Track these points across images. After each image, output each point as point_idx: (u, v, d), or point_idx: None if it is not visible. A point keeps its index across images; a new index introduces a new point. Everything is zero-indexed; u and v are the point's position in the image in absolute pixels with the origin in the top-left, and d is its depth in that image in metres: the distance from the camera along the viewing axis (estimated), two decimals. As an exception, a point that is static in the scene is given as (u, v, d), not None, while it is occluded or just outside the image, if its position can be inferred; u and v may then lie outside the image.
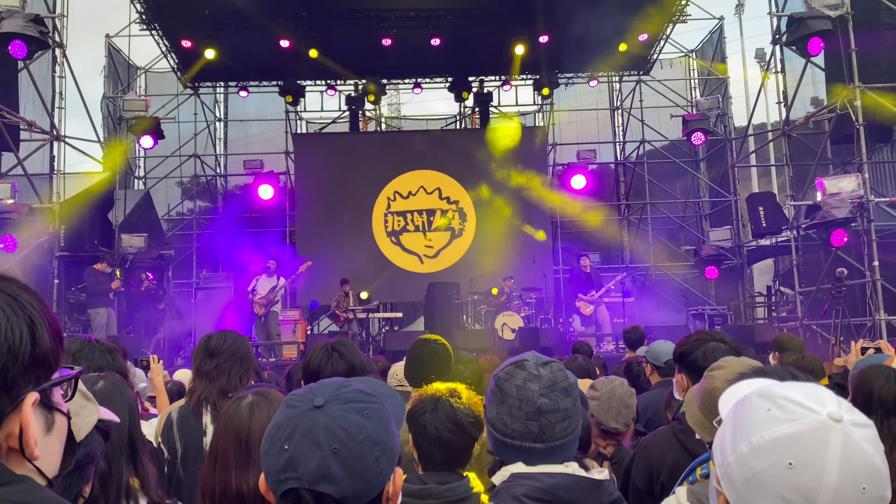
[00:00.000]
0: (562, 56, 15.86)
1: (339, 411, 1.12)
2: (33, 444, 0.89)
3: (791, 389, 1.03)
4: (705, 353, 2.58)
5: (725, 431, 1.06)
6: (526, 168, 16.60)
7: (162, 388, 4.22)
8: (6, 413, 0.86)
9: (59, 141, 12.41)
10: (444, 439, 2.09)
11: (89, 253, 12.01)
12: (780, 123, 13.59)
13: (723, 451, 1.04)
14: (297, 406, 1.15)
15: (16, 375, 0.86)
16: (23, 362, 0.87)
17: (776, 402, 1.00)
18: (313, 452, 1.08)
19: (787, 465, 0.95)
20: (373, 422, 1.13)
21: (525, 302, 13.63)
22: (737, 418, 1.04)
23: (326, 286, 14.72)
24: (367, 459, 1.10)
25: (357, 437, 1.10)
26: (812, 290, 11.97)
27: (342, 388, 1.17)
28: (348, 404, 1.14)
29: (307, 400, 1.15)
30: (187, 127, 17.57)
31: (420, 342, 3.42)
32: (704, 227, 17.26)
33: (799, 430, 0.96)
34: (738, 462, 1.00)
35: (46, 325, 0.90)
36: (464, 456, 2.14)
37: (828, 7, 11.12)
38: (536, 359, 1.83)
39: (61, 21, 12.25)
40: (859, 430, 0.96)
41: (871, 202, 11.00)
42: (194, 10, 14.03)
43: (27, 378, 0.88)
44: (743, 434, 1.01)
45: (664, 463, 2.43)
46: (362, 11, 14.14)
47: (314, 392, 1.17)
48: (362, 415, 1.13)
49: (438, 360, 3.32)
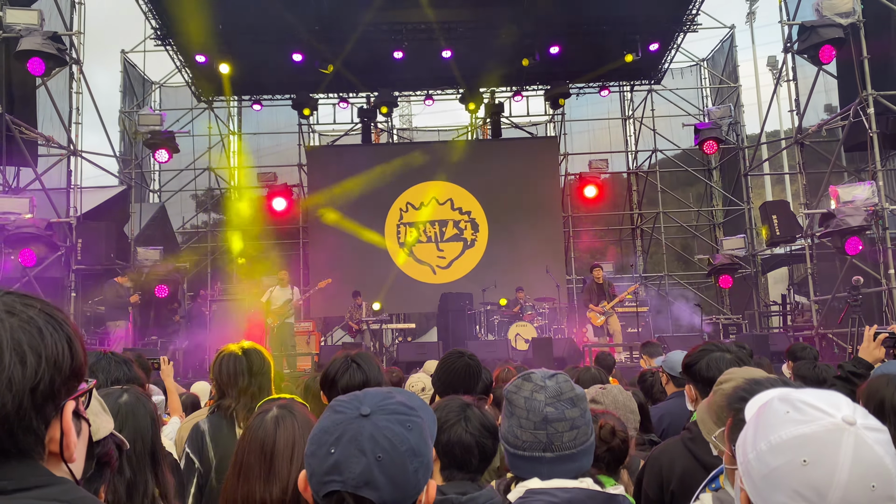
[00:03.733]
0: (573, 66, 15.92)
1: (384, 421, 1.18)
2: (73, 448, 0.98)
3: (810, 395, 1.09)
4: (709, 363, 2.61)
5: (748, 432, 1.13)
6: (538, 178, 16.65)
7: (173, 389, 4.25)
8: (51, 419, 0.96)
9: (76, 156, 12.59)
10: (481, 445, 2.13)
11: (105, 266, 12.13)
12: (793, 131, 13.53)
13: (744, 450, 1.11)
14: (344, 412, 1.20)
15: (59, 386, 0.96)
16: (64, 374, 0.96)
17: (795, 406, 1.07)
18: (358, 458, 1.14)
19: (802, 462, 1.01)
20: (414, 434, 1.18)
21: (538, 312, 13.62)
22: (759, 420, 1.12)
23: (339, 298, 14.79)
24: (407, 469, 1.15)
25: (399, 448, 1.15)
26: (827, 299, 11.88)
27: (386, 399, 1.23)
28: (392, 415, 1.19)
29: (353, 408, 1.20)
30: (201, 140, 17.76)
31: (455, 354, 3.49)
32: (718, 236, 17.19)
33: (814, 430, 1.03)
34: (758, 459, 1.07)
35: (79, 340, 1.00)
36: (484, 463, 2.18)
37: (839, 15, 11.08)
38: (543, 372, 1.90)
39: (78, 38, 12.45)
40: (871, 433, 1.02)
41: (885, 210, 10.92)
42: (208, 26, 14.21)
43: (67, 388, 0.97)
44: (763, 434, 1.08)
45: (674, 472, 2.45)
46: (374, 25, 14.26)
47: (360, 401, 1.22)
48: (405, 427, 1.18)
49: (470, 375, 3.39)
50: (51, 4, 12.14)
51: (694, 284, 17.15)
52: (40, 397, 0.93)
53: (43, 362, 0.93)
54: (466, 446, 2.12)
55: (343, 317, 15.85)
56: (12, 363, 0.91)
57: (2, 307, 0.95)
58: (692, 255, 17.77)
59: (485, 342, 12.28)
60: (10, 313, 0.94)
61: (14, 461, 0.91)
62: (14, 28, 10.91)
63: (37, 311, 0.97)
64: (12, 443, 0.91)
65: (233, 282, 16.90)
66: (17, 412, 0.90)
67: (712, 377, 2.54)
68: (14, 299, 0.97)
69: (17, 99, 11.70)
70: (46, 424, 0.95)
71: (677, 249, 18.24)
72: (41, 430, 0.94)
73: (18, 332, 0.93)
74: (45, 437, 0.95)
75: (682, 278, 17.41)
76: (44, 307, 0.99)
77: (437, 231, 16.71)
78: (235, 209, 16.63)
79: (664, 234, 17.58)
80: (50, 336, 0.95)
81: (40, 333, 0.95)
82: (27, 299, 0.98)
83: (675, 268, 17.97)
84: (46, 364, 0.94)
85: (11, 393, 0.90)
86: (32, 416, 0.93)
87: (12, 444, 0.91)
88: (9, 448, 0.91)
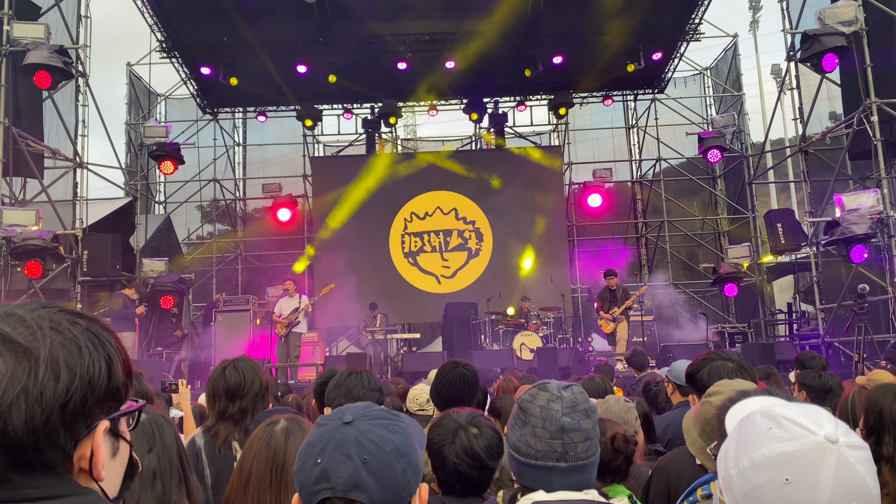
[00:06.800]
0: (576, 76, 15.96)
1: (367, 426, 1.20)
2: (101, 467, 0.99)
3: (792, 410, 1.08)
4: (710, 371, 2.60)
5: (729, 446, 1.12)
6: (542, 187, 16.66)
7: (189, 412, 4.25)
8: (81, 437, 0.97)
9: (82, 168, 12.66)
10: (462, 473, 2.12)
11: (111, 278, 12.17)
12: (797, 139, 13.53)
13: (726, 464, 1.11)
14: (327, 424, 1.23)
15: (93, 405, 0.97)
16: (99, 393, 0.98)
17: (777, 422, 1.07)
18: (345, 463, 1.16)
19: (784, 480, 1.01)
20: (398, 436, 1.20)
21: (543, 321, 13.60)
22: (740, 434, 1.11)
23: (344, 307, 14.78)
24: (394, 470, 1.17)
25: (385, 448, 1.17)
26: (833, 307, 11.84)
27: (368, 408, 1.26)
28: (375, 420, 1.22)
29: (336, 418, 1.23)
30: (207, 152, 17.85)
31: (450, 365, 3.45)
32: (723, 245, 17.15)
33: (796, 448, 1.02)
34: (740, 475, 1.07)
35: (121, 362, 1.02)
36: (483, 486, 2.17)
37: (842, 24, 11.10)
38: (558, 383, 1.91)
39: (84, 51, 12.54)
40: (853, 451, 1.02)
41: (890, 217, 10.90)
42: (213, 38, 14.30)
43: (101, 407, 0.99)
44: (745, 449, 1.07)
45: (682, 482, 2.43)
46: (378, 36, 14.33)
47: (343, 412, 1.25)
48: (388, 429, 1.20)
49: (466, 385, 3.35)
50: (57, 18, 12.24)
51: (699, 293, 17.11)
52: (70, 414, 0.94)
53: (77, 380, 0.95)
54: (448, 471, 2.13)
55: (347, 327, 15.86)
56: (46, 378, 0.92)
57: (48, 323, 0.97)
58: (697, 263, 17.74)
59: (490, 352, 12.26)
60: (56, 330, 0.97)
61: (38, 473, 0.93)
62: (21, 42, 11.00)
63: (81, 330, 0.99)
64: (37, 456, 0.93)
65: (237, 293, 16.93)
66: (44, 426, 0.92)
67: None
68: (63, 317, 0.99)
69: (23, 112, 11.79)
70: (76, 441, 0.96)
71: (682, 258, 18.21)
72: (69, 447, 0.95)
73: (58, 348, 0.95)
74: (73, 453, 0.96)
75: (688, 287, 17.37)
76: (90, 326, 1.01)
77: (441, 241, 16.72)
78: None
79: (669, 242, 17.56)
80: (89, 355, 0.97)
81: (79, 351, 0.96)
82: (75, 317, 1.00)
83: (680, 276, 17.93)
84: (80, 382, 0.95)
85: (41, 407, 0.92)
86: (60, 432, 0.94)
87: (37, 458, 0.93)
88: (34, 461, 0.93)
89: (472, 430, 2.18)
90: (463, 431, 2.17)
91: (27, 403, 0.91)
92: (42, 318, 0.97)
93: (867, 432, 2.41)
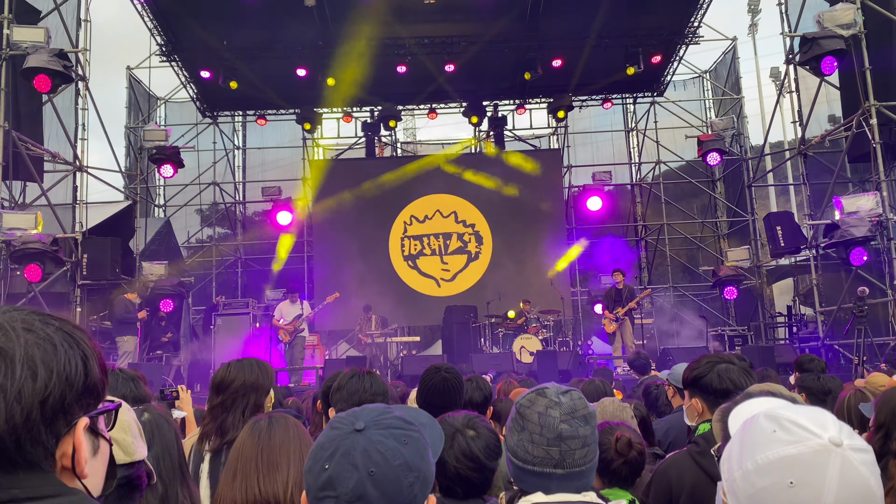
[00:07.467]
0: (575, 79, 15.97)
1: (377, 436, 1.18)
2: (84, 463, 1.00)
3: (796, 412, 1.08)
4: (719, 374, 2.55)
5: (734, 448, 1.12)
6: (541, 190, 16.66)
7: (192, 419, 4.22)
8: (62, 434, 0.98)
9: (81, 171, 12.66)
10: (463, 476, 2.12)
11: (111, 281, 12.16)
12: (796, 142, 13.54)
13: (730, 467, 1.11)
14: (339, 428, 1.22)
15: (71, 401, 0.98)
16: (77, 390, 0.99)
17: (781, 424, 1.06)
18: (351, 473, 1.15)
19: (789, 483, 1.01)
20: (409, 448, 1.19)
21: (543, 325, 13.58)
22: (744, 436, 1.11)
23: (343, 311, 14.78)
24: (401, 484, 1.15)
25: (393, 462, 1.16)
26: (833, 310, 11.84)
27: (383, 415, 1.24)
28: (387, 430, 1.20)
29: (349, 423, 1.22)
30: (206, 155, 17.86)
31: (431, 370, 3.41)
32: (722, 247, 17.16)
33: (801, 451, 1.02)
34: (744, 478, 1.07)
35: (96, 359, 1.03)
36: (484, 488, 2.16)
37: (840, 27, 11.12)
38: (557, 387, 1.88)
39: (84, 55, 12.55)
40: (857, 454, 1.02)
41: (890, 220, 10.91)
42: (212, 42, 14.31)
43: (80, 404, 1.00)
44: (749, 452, 1.07)
45: (683, 486, 2.42)
46: (377, 39, 14.34)
47: (356, 416, 1.23)
48: (400, 441, 1.19)
49: (450, 389, 3.31)
50: (57, 22, 12.24)
51: (699, 296, 17.11)
52: (50, 411, 0.95)
53: (54, 377, 0.95)
54: (449, 476, 2.12)
55: (347, 330, 15.85)
56: (24, 376, 0.93)
57: (20, 324, 0.98)
58: (697, 266, 17.74)
59: (490, 355, 12.24)
60: (28, 330, 0.98)
61: (21, 472, 0.94)
62: (21, 45, 11.01)
63: (54, 329, 1.00)
64: (20, 454, 0.93)
65: (237, 296, 16.92)
66: (25, 423, 0.93)
67: (725, 388, 2.50)
68: (34, 318, 1.00)
69: (23, 115, 11.80)
70: (57, 438, 0.97)
71: (682, 261, 18.21)
72: (50, 444, 0.96)
73: (33, 347, 0.96)
74: (55, 450, 0.97)
75: (687, 290, 17.37)
76: (63, 325, 1.01)
77: (441, 244, 16.72)
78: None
79: (668, 245, 17.56)
80: (64, 353, 0.98)
81: (55, 350, 0.97)
82: (47, 318, 1.01)
83: (679, 279, 17.93)
84: (58, 379, 0.96)
85: (20, 405, 0.92)
86: (41, 429, 0.95)
87: (20, 456, 0.93)
88: (17, 459, 0.93)
89: (469, 433, 2.18)
90: (460, 435, 2.17)
91: (6, 402, 0.92)
92: (14, 319, 0.98)
93: (876, 428, 2.43)
